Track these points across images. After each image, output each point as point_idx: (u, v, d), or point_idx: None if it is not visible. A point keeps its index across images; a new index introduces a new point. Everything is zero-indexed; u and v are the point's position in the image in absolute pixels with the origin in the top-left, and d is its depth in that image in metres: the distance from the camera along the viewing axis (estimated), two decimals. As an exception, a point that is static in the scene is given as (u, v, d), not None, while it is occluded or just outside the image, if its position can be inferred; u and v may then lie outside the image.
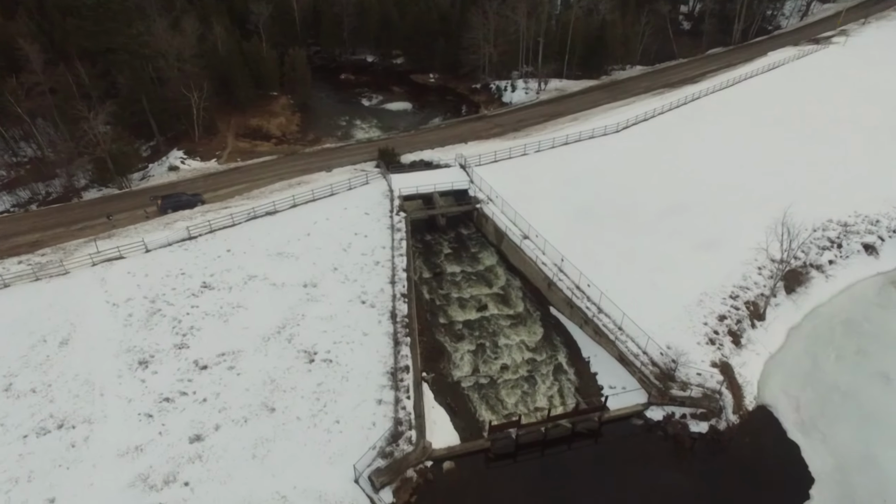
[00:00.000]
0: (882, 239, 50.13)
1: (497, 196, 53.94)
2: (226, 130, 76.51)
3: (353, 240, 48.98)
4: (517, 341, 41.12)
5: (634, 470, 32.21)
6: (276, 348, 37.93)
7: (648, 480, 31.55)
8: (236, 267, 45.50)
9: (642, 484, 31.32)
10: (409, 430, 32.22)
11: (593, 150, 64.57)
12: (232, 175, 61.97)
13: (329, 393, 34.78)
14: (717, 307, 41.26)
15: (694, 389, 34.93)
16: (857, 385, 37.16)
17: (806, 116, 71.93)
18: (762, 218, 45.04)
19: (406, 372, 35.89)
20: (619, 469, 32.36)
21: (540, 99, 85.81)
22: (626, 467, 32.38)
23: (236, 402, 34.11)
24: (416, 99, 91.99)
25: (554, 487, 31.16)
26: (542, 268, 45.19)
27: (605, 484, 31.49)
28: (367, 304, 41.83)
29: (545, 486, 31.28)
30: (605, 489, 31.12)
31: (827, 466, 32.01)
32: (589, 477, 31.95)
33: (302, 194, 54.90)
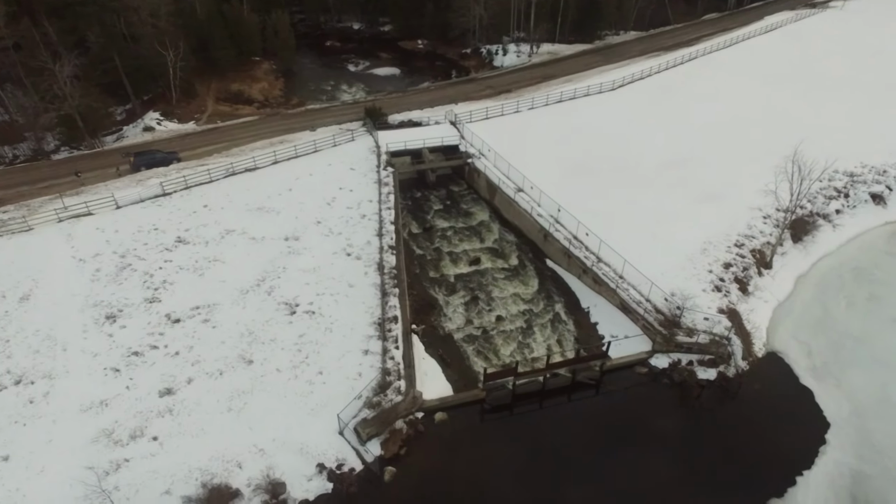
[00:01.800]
0: (890, 188, 48.24)
1: (489, 150, 51.41)
2: (205, 94, 73.18)
3: (338, 194, 46.34)
4: (512, 293, 38.85)
5: (639, 420, 30.07)
6: (255, 301, 35.41)
7: (654, 430, 29.45)
8: (213, 222, 42.78)
9: (648, 434, 29.20)
10: (397, 380, 29.93)
11: (588, 107, 62.18)
12: (210, 135, 58.91)
13: (311, 344, 32.38)
14: (721, 255, 39.19)
15: (701, 335, 32.86)
16: (870, 331, 35.27)
17: (805, 75, 69.83)
18: (764, 170, 42.77)
19: (394, 322, 33.53)
20: (623, 419, 30.15)
21: (532, 62, 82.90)
22: (629, 418, 30.23)
23: (211, 355, 31.62)
24: (405, 64, 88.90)
25: (552, 440, 28.97)
26: (538, 219, 42.84)
27: (608, 436, 29.29)
28: (352, 257, 39.34)
29: (543, 439, 29.08)
30: (607, 441, 28.90)
31: (843, 411, 30.13)
32: (590, 428, 29.75)
33: (284, 151, 52.07)
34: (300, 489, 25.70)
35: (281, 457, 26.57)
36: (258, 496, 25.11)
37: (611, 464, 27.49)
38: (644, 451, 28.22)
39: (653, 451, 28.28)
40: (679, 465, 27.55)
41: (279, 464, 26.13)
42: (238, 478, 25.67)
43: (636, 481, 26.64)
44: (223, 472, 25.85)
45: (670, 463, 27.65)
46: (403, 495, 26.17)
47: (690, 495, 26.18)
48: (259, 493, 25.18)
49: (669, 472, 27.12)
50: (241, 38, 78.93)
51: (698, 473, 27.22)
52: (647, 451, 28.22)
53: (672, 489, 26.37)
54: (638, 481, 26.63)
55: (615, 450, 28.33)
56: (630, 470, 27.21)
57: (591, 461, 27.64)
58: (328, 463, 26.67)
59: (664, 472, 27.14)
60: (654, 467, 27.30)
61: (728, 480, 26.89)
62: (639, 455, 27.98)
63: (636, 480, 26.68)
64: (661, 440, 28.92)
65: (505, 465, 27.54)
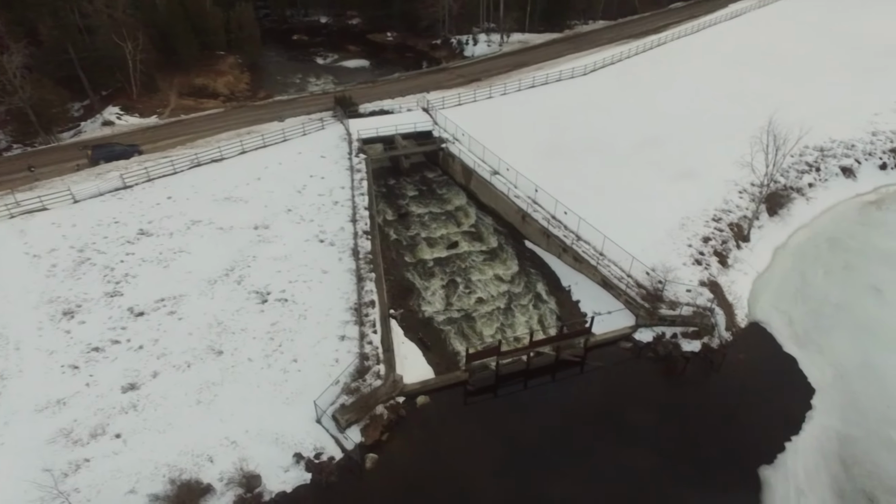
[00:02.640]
0: (858, 162, 48.86)
1: (464, 135, 50.46)
2: (168, 89, 70.60)
3: (309, 182, 44.82)
4: (492, 275, 37.95)
5: (625, 396, 29.42)
6: (224, 291, 33.77)
7: (641, 405, 28.83)
8: (178, 213, 40.85)
9: (635, 410, 28.51)
10: (376, 364, 28.68)
11: (561, 91, 61.76)
12: (174, 127, 56.64)
13: (285, 332, 30.92)
14: (700, 230, 38.95)
15: (684, 308, 32.42)
16: (848, 298, 35.39)
17: (771, 58, 70.59)
18: (738, 144, 42.70)
19: (371, 307, 32.27)
20: (609, 396, 29.46)
21: (503, 51, 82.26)
22: (616, 393, 29.56)
23: (178, 348, 29.92)
24: (374, 57, 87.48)
25: (538, 420, 28.03)
26: (515, 201, 42.06)
27: (594, 413, 28.50)
28: (325, 243, 37.93)
29: (528, 419, 28.14)
30: (594, 419, 28.10)
31: (826, 376, 30.00)
32: (577, 407, 28.92)
33: (251, 141, 50.28)
34: (276, 481, 24.30)
35: (255, 448, 25.12)
36: (231, 490, 23.64)
37: (598, 442, 26.74)
38: (632, 427, 27.57)
39: (640, 426, 27.64)
40: (668, 439, 26.95)
41: (253, 456, 24.68)
42: (209, 472, 24.16)
43: (625, 458, 25.92)
44: (193, 467, 24.30)
45: (659, 437, 27.04)
46: (386, 482, 24.99)
47: (681, 468, 25.57)
48: (232, 487, 23.72)
49: (659, 447, 26.50)
50: (204, 31, 76.65)
51: (688, 445, 26.66)
52: (635, 427, 27.57)
53: (662, 463, 25.74)
54: (627, 458, 25.92)
55: (602, 427, 27.63)
56: (618, 447, 26.52)
57: (577, 440, 26.84)
58: (306, 452, 25.32)
59: (653, 446, 26.50)
60: (643, 442, 26.66)
61: (718, 450, 26.41)
62: (627, 431, 27.34)
63: (625, 457, 25.96)
64: (649, 414, 28.30)
65: (490, 448, 26.56)
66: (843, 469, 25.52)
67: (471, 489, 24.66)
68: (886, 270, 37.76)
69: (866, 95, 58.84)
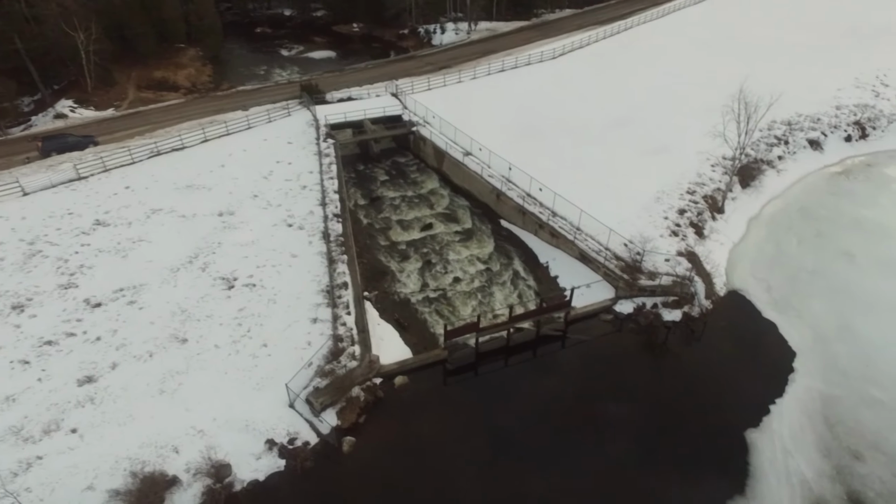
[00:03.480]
0: (825, 135, 49.52)
1: (434, 117, 49.46)
2: (126, 82, 67.72)
3: (276, 167, 43.25)
4: (468, 255, 37.03)
5: (608, 369, 28.74)
6: (188, 278, 32.08)
7: (625, 377, 28.22)
8: (137, 202, 38.88)
9: (619, 382, 27.87)
10: (351, 345, 27.47)
11: (531, 75, 61.33)
12: (132, 119, 54.30)
13: (253, 317, 29.45)
14: (675, 202, 38.74)
15: (663, 278, 31.99)
16: (822, 264, 35.57)
17: (737, 39, 71.45)
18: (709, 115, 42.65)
19: (344, 289, 31.03)
20: (592, 370, 28.65)
21: (471, 39, 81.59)
22: (599, 367, 28.82)
23: (138, 338, 28.19)
24: (340, 48, 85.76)
25: (520, 397, 27.09)
26: (489, 180, 41.24)
27: (578, 388, 27.58)
28: (294, 227, 36.51)
29: (510, 397, 27.18)
30: (578, 394, 27.23)
31: (806, 340, 29.90)
32: (559, 382, 28.03)
33: (214, 129, 48.37)
34: (248, 469, 22.90)
35: (224, 437, 23.65)
36: (199, 481, 22.14)
37: (583, 417, 25.87)
38: (616, 400, 26.86)
39: (625, 398, 26.94)
40: (654, 410, 26.33)
41: (222, 444, 23.20)
42: (175, 463, 22.61)
43: (611, 431, 25.18)
44: (157, 458, 22.71)
45: (644, 408, 26.41)
46: (364, 465, 23.80)
47: (667, 438, 24.94)
48: (200, 477, 22.21)
49: (645, 418, 25.88)
50: (163, 22, 73.89)
51: (674, 414, 26.08)
52: (620, 400, 26.87)
53: (648, 434, 25.10)
54: (612, 431, 25.17)
55: (587, 402, 26.74)
56: (604, 421, 25.78)
57: (561, 416, 25.91)
58: (278, 438, 23.96)
59: (639, 418, 25.86)
60: (628, 415, 26.00)
61: (703, 417, 25.96)
62: (612, 404, 26.61)
63: (611, 430, 25.22)
64: (633, 386, 27.71)
65: (471, 428, 25.48)
66: (828, 428, 25.32)
67: (451, 470, 23.62)
68: (857, 236, 38.13)
69: (829, 72, 59.83)
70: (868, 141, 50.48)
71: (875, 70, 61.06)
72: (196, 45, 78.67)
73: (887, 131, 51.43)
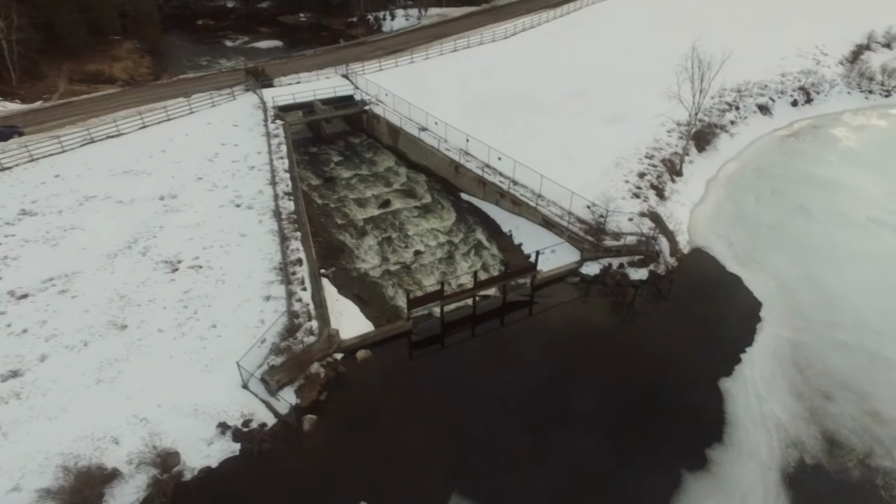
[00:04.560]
0: (773, 100, 50.51)
1: (387, 95, 47.91)
2: (56, 75, 63.44)
3: (221, 150, 40.90)
4: (428, 228, 35.72)
5: (579, 332, 27.80)
6: (127, 263, 29.62)
7: (596, 339, 27.45)
8: (67, 191, 35.95)
9: (590, 344, 27.07)
10: (308, 321, 25.72)
11: (484, 54, 60.61)
12: (63, 109, 50.65)
13: (200, 298, 27.33)
14: (635, 167, 38.47)
15: (628, 238, 31.49)
16: (780, 219, 35.91)
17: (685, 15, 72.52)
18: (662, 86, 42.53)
19: (299, 265, 29.23)
20: (561, 336, 27.61)
21: (422, 24, 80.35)
22: (568, 331, 27.89)
23: (71, 327, 25.70)
24: (287, 37, 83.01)
25: (489, 367, 25.91)
26: (447, 153, 40.05)
27: (548, 355, 26.43)
28: (242, 207, 34.43)
29: (478, 368, 25.93)
30: (549, 361, 26.04)
31: (770, 290, 29.88)
32: (528, 351, 26.85)
33: (153, 116, 45.50)
34: (198, 456, 20.96)
35: (170, 423, 21.62)
36: (143, 472, 20.08)
37: (556, 382, 24.88)
38: (589, 361, 26.03)
39: (597, 359, 26.20)
40: (627, 368, 25.62)
41: (168, 431, 21.19)
42: (114, 455, 20.48)
43: (586, 395, 24.18)
44: (94, 452, 20.52)
45: (618, 367, 25.67)
46: (327, 443, 22.22)
47: (642, 397, 24.18)
48: (144, 468, 20.15)
49: (618, 377, 25.11)
50: (94, 14, 69.70)
51: (647, 371, 25.42)
52: (592, 361, 26.06)
53: (624, 392, 24.37)
54: (588, 394, 24.20)
55: (558, 369, 25.67)
56: (578, 384, 24.80)
57: (534, 383, 24.76)
58: (232, 421, 22.09)
59: (613, 378, 25.07)
60: (602, 375, 25.18)
61: (677, 370, 25.46)
62: (584, 366, 25.77)
63: (586, 394, 24.23)
64: (604, 346, 27.05)
65: (439, 401, 24.22)
66: (798, 372, 25.15)
67: (419, 444, 22.23)
68: (811, 192, 38.73)
69: (773, 44, 61.23)
70: (813, 105, 51.75)
71: (815, 42, 62.85)
72: (133, 37, 74.76)
73: (830, 95, 52.88)
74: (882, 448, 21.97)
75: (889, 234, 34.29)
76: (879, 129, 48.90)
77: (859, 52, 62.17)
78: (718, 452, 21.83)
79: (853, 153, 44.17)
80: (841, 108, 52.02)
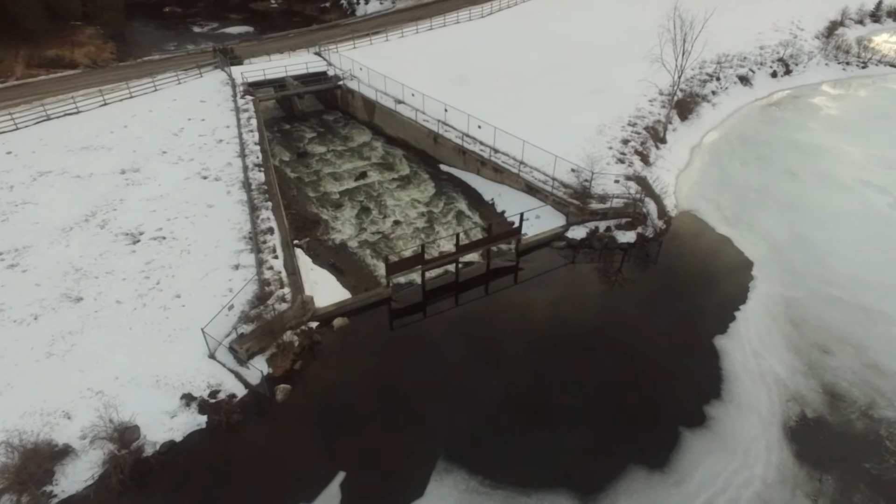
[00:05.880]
0: (752, 71, 50.13)
1: (362, 69, 46.27)
2: (12, 61, 60.40)
3: (187, 125, 38.88)
4: (408, 199, 34.22)
5: (567, 298, 26.44)
6: (83, 237, 27.59)
7: (586, 305, 26.22)
8: (20, 167, 33.66)
9: (580, 310, 25.75)
10: (280, 288, 24.06)
11: (461, 32, 59.38)
12: (17, 89, 48.11)
13: (163, 269, 25.49)
14: (618, 133, 37.50)
15: (614, 201, 30.40)
16: (767, 183, 35.24)
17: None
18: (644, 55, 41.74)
19: (270, 234, 27.52)
20: (549, 301, 26.20)
21: (397, 8, 78.72)
22: (556, 297, 26.47)
23: (20, 301, 23.67)
24: (258, 23, 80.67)
25: (474, 337, 24.42)
26: (425, 124, 38.62)
27: (533, 322, 25.00)
28: (209, 179, 32.56)
29: (462, 337, 24.35)
30: (535, 329, 24.60)
31: (761, 250, 29.07)
32: (515, 317, 25.37)
33: (115, 94, 43.19)
34: (160, 430, 19.20)
35: (129, 396, 19.81)
36: (98, 448, 18.28)
37: (545, 353, 23.28)
38: (581, 327, 24.74)
39: (589, 325, 24.92)
40: (620, 332, 24.44)
41: (127, 404, 19.34)
42: (66, 430, 18.63)
43: (579, 363, 22.76)
44: (43, 427, 18.62)
45: (611, 332, 24.47)
46: (303, 414, 20.62)
47: (639, 356, 23.07)
48: (99, 444, 18.34)
49: (611, 341, 23.92)
50: (54, -2, 66.65)
51: (641, 335, 24.26)
52: (584, 327, 24.77)
53: (619, 354, 23.20)
54: (581, 362, 22.78)
55: (547, 337, 24.11)
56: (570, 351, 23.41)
57: (520, 356, 23.20)
58: (197, 392, 20.37)
59: (605, 342, 23.84)
60: (595, 342, 23.87)
61: (673, 332, 24.33)
62: (576, 332, 24.46)
63: (579, 362, 22.81)
64: (595, 312, 25.90)
65: (420, 370, 22.65)
66: (794, 328, 24.29)
67: (400, 414, 20.74)
68: (796, 157, 38.22)
69: (750, 19, 61.06)
70: (792, 76, 51.53)
71: (790, 17, 62.89)
72: (95, 22, 71.72)
73: (808, 66, 52.77)
74: (884, 399, 21.16)
75: (876, 194, 33.85)
76: (859, 98, 48.84)
77: (834, 27, 62.34)
78: (717, 409, 20.77)
79: (835, 120, 43.88)
80: (819, 79, 51.92)
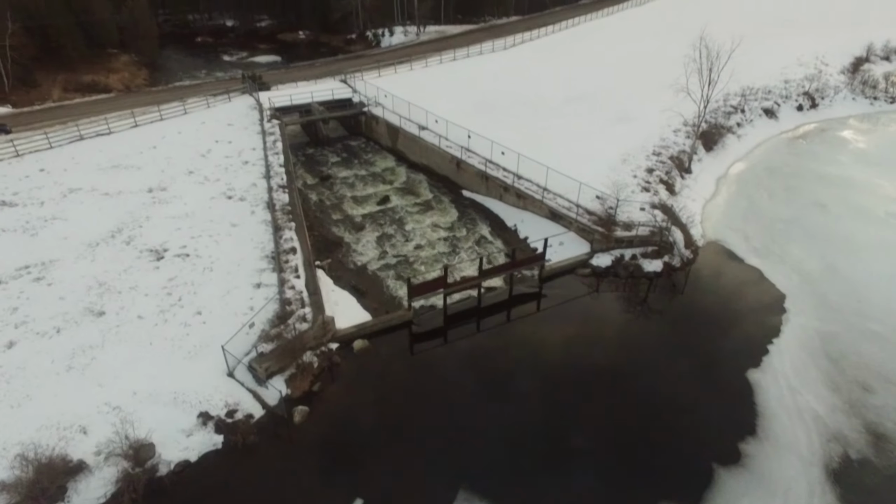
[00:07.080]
0: (778, 104, 49.85)
1: (386, 96, 46.94)
2: (50, 85, 62.60)
3: (214, 146, 39.52)
4: (430, 223, 34.10)
5: (592, 327, 25.76)
6: (109, 252, 27.80)
7: (612, 334, 25.41)
8: (52, 183, 34.35)
9: (606, 340, 25.01)
10: (301, 308, 23.82)
11: (484, 62, 60.28)
12: (54, 111, 49.45)
13: (186, 286, 25.44)
14: (642, 163, 37.22)
15: (640, 228, 29.90)
16: (796, 214, 34.47)
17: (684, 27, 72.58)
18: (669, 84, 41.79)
19: (292, 254, 27.45)
20: (574, 330, 25.45)
21: (421, 40, 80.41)
22: (581, 326, 25.77)
23: (44, 314, 23.71)
24: (286, 53, 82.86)
25: (496, 363, 23.77)
26: (448, 150, 38.77)
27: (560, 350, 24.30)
28: (234, 199, 32.82)
29: (484, 364, 23.79)
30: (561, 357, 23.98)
31: (793, 282, 28.18)
32: (539, 345, 24.65)
33: (146, 116, 44.27)
34: (176, 449, 18.78)
35: (146, 412, 19.48)
36: (113, 465, 17.88)
37: (568, 383, 22.46)
38: (607, 358, 23.92)
39: (615, 356, 24.05)
40: (648, 364, 23.58)
41: (143, 420, 19.01)
42: (81, 445, 18.30)
43: (605, 395, 21.99)
44: (59, 441, 18.31)
45: (638, 363, 23.59)
46: (321, 437, 20.07)
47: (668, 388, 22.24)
48: (114, 461, 17.95)
49: (640, 373, 23.10)
50: (92, 26, 69.52)
51: (670, 366, 23.42)
52: (610, 358, 23.94)
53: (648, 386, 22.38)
54: (607, 394, 21.99)
55: (572, 367, 23.42)
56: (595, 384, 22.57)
57: (542, 385, 22.42)
58: (214, 411, 19.97)
59: (634, 374, 23.00)
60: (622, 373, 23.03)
61: (702, 362, 23.48)
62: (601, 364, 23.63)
63: (605, 394, 22.04)
64: (621, 342, 24.99)
65: (440, 396, 22.02)
66: (831, 363, 23.24)
67: (420, 440, 20.09)
68: (825, 189, 37.48)
69: (773, 54, 60.99)
70: (818, 110, 51.08)
71: (814, 53, 62.73)
72: (130, 50, 74.41)
73: (835, 101, 52.33)
74: (933, 441, 19.96)
75: (911, 228, 32.88)
76: (889, 132, 48.12)
77: (859, 63, 61.89)
78: (753, 447, 19.75)
79: (864, 154, 43.15)
80: (847, 113, 51.38)
